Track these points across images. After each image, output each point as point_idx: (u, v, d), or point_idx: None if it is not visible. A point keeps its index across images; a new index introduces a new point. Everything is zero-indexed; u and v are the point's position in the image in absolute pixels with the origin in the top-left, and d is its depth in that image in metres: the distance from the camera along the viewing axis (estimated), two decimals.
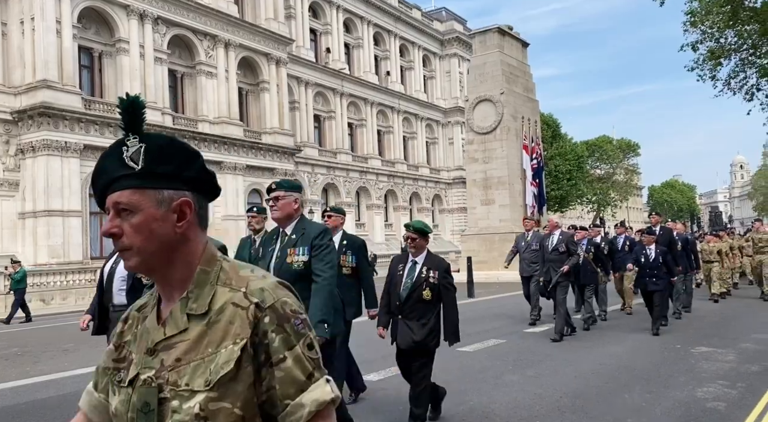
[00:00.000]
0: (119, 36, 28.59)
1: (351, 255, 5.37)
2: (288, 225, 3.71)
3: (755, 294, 13.95)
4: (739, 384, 5.94)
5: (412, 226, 4.50)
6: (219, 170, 32.40)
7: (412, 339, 4.42)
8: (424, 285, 4.41)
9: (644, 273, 9.14)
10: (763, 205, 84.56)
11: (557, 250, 8.81)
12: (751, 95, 21.12)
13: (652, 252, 9.10)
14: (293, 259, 3.57)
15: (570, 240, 8.95)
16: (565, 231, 9.40)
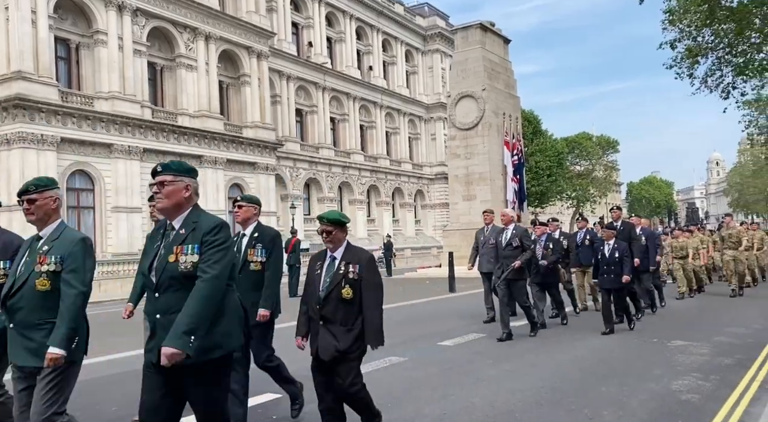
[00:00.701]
0: (97, 27, 28.13)
1: (261, 248, 4.76)
2: (177, 216, 3.04)
3: (725, 291, 13.60)
4: (713, 376, 6.05)
5: (326, 217, 3.93)
6: (199, 164, 32.07)
7: (336, 347, 3.81)
8: (344, 283, 3.83)
9: (602, 269, 8.75)
10: (738, 201, 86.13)
11: (511, 245, 8.30)
12: (727, 93, 21.46)
13: (610, 247, 8.75)
14: (179, 259, 2.92)
15: (524, 235, 8.48)
16: (519, 225, 8.73)
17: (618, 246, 8.74)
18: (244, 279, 4.60)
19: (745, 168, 79.48)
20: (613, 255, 8.65)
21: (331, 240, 3.94)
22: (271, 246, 4.79)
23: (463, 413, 4.99)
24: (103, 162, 27.92)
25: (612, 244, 8.74)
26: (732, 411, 4.92)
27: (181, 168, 3.06)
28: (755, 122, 33.03)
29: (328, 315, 3.87)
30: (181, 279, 2.89)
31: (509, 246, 8.30)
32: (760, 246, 15.77)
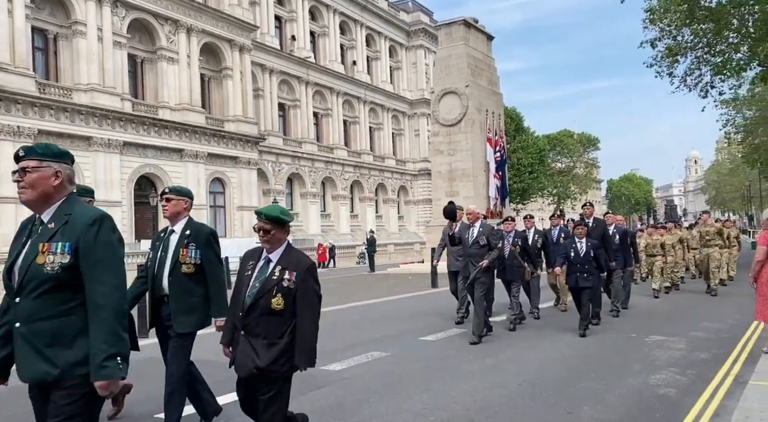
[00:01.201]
0: (75, 18, 27.64)
1: (195, 248, 4.26)
2: (45, 210, 2.52)
3: (700, 288, 13.50)
4: (689, 371, 6.15)
5: (264, 214, 3.36)
6: (180, 158, 31.78)
7: (255, 364, 3.29)
8: (275, 291, 3.28)
9: (574, 268, 8.35)
10: (715, 198, 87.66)
11: (478, 243, 7.90)
12: (706, 92, 21.83)
13: (582, 245, 8.34)
14: (46, 259, 2.40)
15: (491, 232, 8.01)
16: (486, 222, 8.31)
17: (590, 244, 8.36)
18: (175, 282, 4.23)
19: (722, 166, 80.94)
20: (587, 254, 8.26)
21: (268, 240, 3.38)
22: (206, 245, 4.31)
23: (444, 407, 5.01)
24: (82, 155, 27.46)
25: (584, 242, 8.36)
26: (707, 405, 5.01)
27: (48, 151, 2.56)
28: (732, 121, 33.63)
29: (252, 325, 3.33)
30: (49, 285, 2.39)
31: (476, 245, 7.91)
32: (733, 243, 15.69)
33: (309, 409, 5.03)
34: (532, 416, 4.76)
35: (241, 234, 34.04)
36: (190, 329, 4.28)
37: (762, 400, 4.72)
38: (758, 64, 20.49)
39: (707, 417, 4.72)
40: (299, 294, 3.30)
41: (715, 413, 4.81)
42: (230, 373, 6.62)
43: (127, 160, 29.25)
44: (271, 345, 3.29)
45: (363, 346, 7.75)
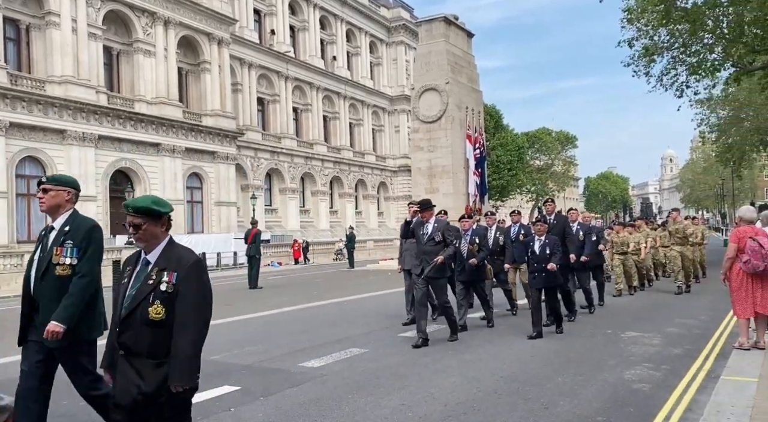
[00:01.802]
0: (49, 8, 27.06)
1: (71, 246, 3.64)
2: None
3: (671, 288, 13.03)
4: (663, 366, 6.26)
5: (131, 206, 2.82)
6: (156, 153, 31.35)
7: (139, 388, 2.70)
8: (152, 297, 2.71)
9: (533, 267, 8.05)
10: (689, 196, 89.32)
11: (433, 240, 7.50)
12: (681, 92, 22.19)
13: (541, 243, 8.01)
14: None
15: (446, 228, 7.67)
16: (440, 218, 8.04)
17: (549, 241, 8.01)
18: (48, 287, 3.64)
19: (696, 165, 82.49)
20: (544, 252, 7.91)
21: (141, 237, 2.81)
22: (85, 243, 3.68)
23: (422, 403, 5.03)
24: (55, 148, 26.95)
25: (543, 240, 8.01)
26: (680, 400, 5.10)
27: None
28: (707, 121, 34.25)
29: (130, 342, 2.74)
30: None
31: (430, 241, 7.52)
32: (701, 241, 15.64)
33: (287, 406, 5.01)
34: (509, 411, 4.79)
35: (218, 230, 33.73)
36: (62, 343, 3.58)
37: (733, 395, 4.81)
38: (732, 65, 20.88)
39: (680, 411, 4.80)
40: (179, 298, 2.73)
41: (688, 407, 4.89)
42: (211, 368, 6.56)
43: (102, 154, 28.75)
44: (158, 365, 2.71)
45: (341, 343, 7.74)
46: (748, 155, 36.39)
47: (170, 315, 2.72)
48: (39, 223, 27.09)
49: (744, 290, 6.50)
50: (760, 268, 6.35)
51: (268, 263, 30.20)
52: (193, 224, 33.88)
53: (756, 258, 6.33)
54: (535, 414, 4.72)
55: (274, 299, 13.87)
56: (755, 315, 6.58)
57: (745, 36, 17.74)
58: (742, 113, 32.22)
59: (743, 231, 6.57)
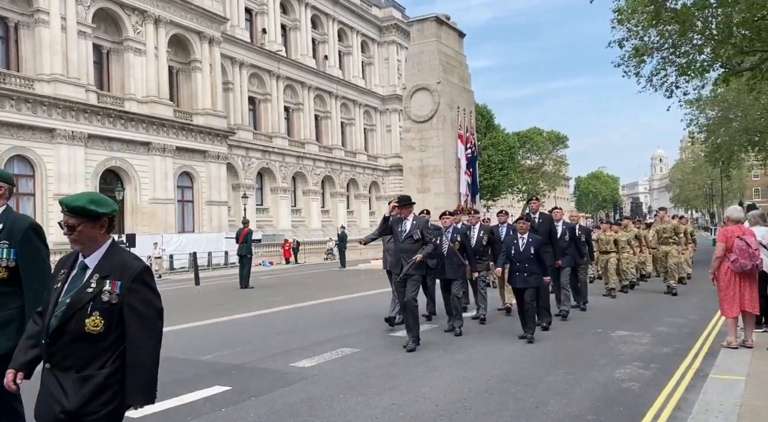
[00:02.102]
0: (38, 6, 26.84)
1: (7, 247, 3.26)
2: None
3: (660, 288, 13.00)
4: (653, 365, 6.30)
5: (66, 204, 2.50)
6: (147, 152, 31.17)
7: (62, 407, 2.38)
8: (90, 308, 2.41)
9: (514, 266, 7.80)
10: (679, 196, 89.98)
11: (411, 238, 7.34)
12: (671, 92, 22.34)
13: (523, 242, 7.75)
14: None
15: (425, 226, 7.51)
16: (419, 216, 7.83)
17: (532, 240, 7.78)
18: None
19: (686, 165, 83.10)
20: (528, 251, 7.68)
21: (76, 239, 2.50)
22: (24, 242, 3.29)
23: (413, 403, 5.03)
24: (44, 147, 26.73)
25: (526, 238, 7.78)
26: (669, 398, 5.14)
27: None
28: (696, 121, 34.48)
29: (60, 355, 2.42)
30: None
31: (409, 239, 7.36)
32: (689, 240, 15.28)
33: (278, 406, 5.00)
34: (500, 410, 4.81)
35: (209, 229, 33.60)
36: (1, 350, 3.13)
37: (721, 393, 4.86)
38: (720, 66, 21.04)
39: (669, 410, 4.84)
40: (128, 311, 2.44)
41: (677, 406, 4.93)
42: (202, 368, 6.52)
43: (92, 153, 28.55)
44: (85, 379, 2.39)
45: (333, 343, 7.74)
46: (736, 155, 36.69)
47: (109, 328, 2.42)
48: None
49: (732, 289, 6.56)
50: (747, 267, 6.42)
51: (259, 263, 30.11)
52: (184, 223, 33.73)
53: (743, 257, 6.40)
54: (526, 413, 4.74)
55: (266, 299, 13.84)
56: (743, 313, 6.65)
57: (733, 37, 17.89)
58: (731, 113, 32.48)
59: (731, 230, 6.63)
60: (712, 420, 4.23)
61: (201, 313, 11.49)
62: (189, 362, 6.82)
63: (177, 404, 5.11)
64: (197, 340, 8.34)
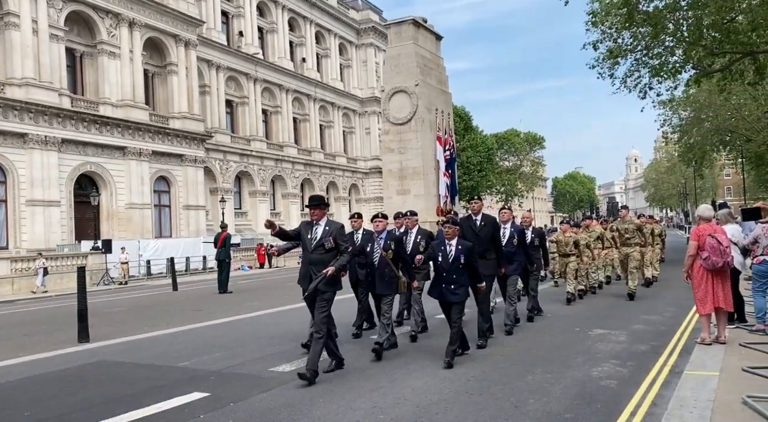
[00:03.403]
0: (8, 9, 26.35)
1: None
2: None
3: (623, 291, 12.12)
4: (630, 362, 6.39)
5: None
6: (122, 156, 30.77)
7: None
8: None
9: (440, 277, 6.63)
10: (654, 195, 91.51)
11: (323, 246, 6.07)
12: (644, 93, 22.71)
13: (451, 249, 6.59)
14: None
15: (340, 233, 6.18)
16: (333, 221, 6.39)
17: (462, 247, 6.60)
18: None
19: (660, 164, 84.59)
20: (457, 260, 6.54)
21: None
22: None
23: (394, 405, 5.04)
24: (16, 152, 26.21)
25: (455, 245, 6.61)
26: (646, 395, 5.22)
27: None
28: (669, 121, 35.12)
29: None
30: None
31: (320, 249, 6.07)
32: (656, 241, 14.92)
33: (258, 412, 4.97)
34: (479, 410, 4.83)
35: (187, 234, 33.25)
36: None
37: (695, 389, 4.95)
38: (692, 67, 21.45)
39: (645, 406, 4.91)
40: None
41: (653, 402, 5.01)
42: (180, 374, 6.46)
43: (66, 157, 28.08)
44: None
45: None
46: (708, 155, 37.44)
47: None
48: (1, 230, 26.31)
49: (704, 286, 6.69)
50: (719, 264, 6.55)
51: (238, 267, 29.87)
52: (161, 228, 33.33)
53: (715, 254, 6.54)
54: (505, 412, 4.78)
55: (245, 304, 13.72)
56: (716, 310, 6.78)
57: (704, 39, 18.25)
58: (703, 114, 33.14)
59: (703, 229, 6.76)
60: (686, 415, 4.30)
61: (179, 319, 11.36)
62: (167, 369, 6.73)
63: (155, 411, 5.05)
64: (175, 347, 8.24)
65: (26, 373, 6.88)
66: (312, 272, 6.07)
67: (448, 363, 6.30)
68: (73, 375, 6.67)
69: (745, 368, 5.48)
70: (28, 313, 14.90)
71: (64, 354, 8.06)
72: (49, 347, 8.61)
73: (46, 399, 5.62)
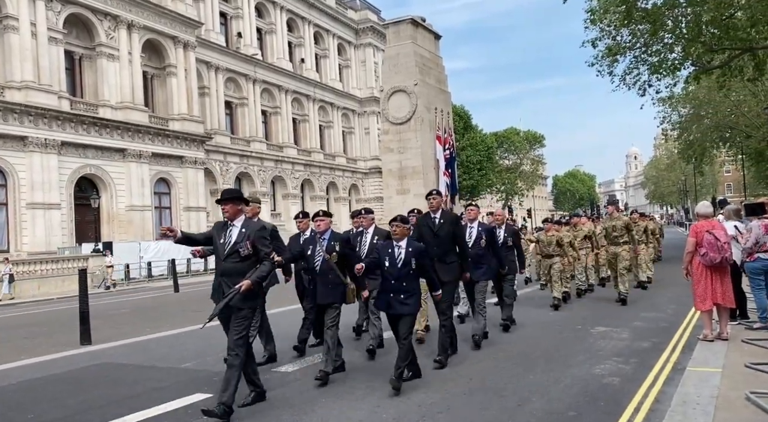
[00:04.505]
0: (7, 12, 26.35)
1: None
2: None
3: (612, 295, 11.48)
4: (632, 359, 6.39)
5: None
6: (122, 158, 30.77)
7: None
8: None
9: (387, 285, 5.67)
10: (654, 193, 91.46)
11: (237, 254, 4.97)
12: (644, 91, 22.68)
13: (401, 252, 5.59)
14: None
15: (259, 235, 5.04)
16: (252, 220, 5.38)
17: (413, 249, 5.62)
18: None
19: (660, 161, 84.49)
20: (407, 265, 5.56)
21: None
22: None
23: (396, 405, 5.03)
24: (16, 155, 26.22)
25: (404, 247, 5.63)
26: (648, 392, 5.22)
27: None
28: (669, 118, 35.09)
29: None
30: None
31: (234, 256, 4.98)
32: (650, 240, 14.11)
33: (262, 411, 4.97)
34: (482, 410, 4.83)
35: None
36: None
37: (698, 385, 4.94)
38: (691, 64, 21.43)
39: (648, 403, 4.91)
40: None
41: (656, 399, 5.00)
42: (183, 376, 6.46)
43: (66, 160, 28.08)
44: None
45: (315, 347, 7.69)
46: (708, 151, 37.39)
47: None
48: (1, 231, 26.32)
49: (704, 283, 6.70)
50: (716, 260, 6.57)
51: None
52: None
53: (712, 250, 6.57)
54: (508, 412, 4.77)
55: None
56: (717, 307, 6.78)
57: (703, 35, 18.23)
58: (702, 111, 33.11)
59: (701, 225, 6.80)
60: (690, 412, 4.30)
61: (181, 320, 11.37)
62: (169, 370, 6.74)
63: (158, 413, 5.05)
64: (177, 348, 8.24)
65: (29, 375, 6.88)
66: (224, 285, 4.96)
67: (395, 387, 5.27)
68: (75, 378, 6.67)
69: (748, 364, 5.47)
70: (28, 316, 14.90)
71: (66, 356, 8.07)
72: (50, 349, 8.61)
73: (48, 401, 5.62)
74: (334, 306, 6.02)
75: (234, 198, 5.14)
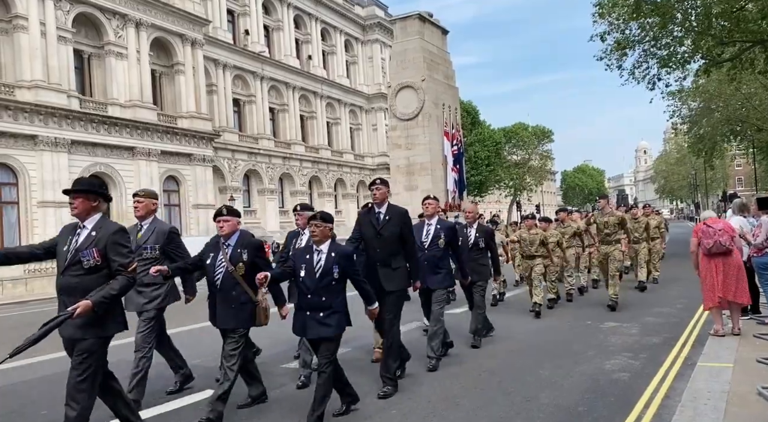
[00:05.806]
0: (16, 12, 26.50)
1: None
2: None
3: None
4: (642, 355, 6.36)
5: None
6: (131, 156, 30.93)
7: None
8: None
9: (303, 300, 4.57)
10: (663, 187, 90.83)
11: (80, 264, 3.79)
12: (653, 84, 22.52)
13: (321, 258, 4.53)
14: None
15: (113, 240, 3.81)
16: (110, 221, 4.05)
17: (336, 254, 4.55)
18: None
19: (669, 156, 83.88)
20: (327, 274, 4.47)
21: None
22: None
23: (406, 399, 5.04)
24: (27, 154, 26.43)
25: (325, 251, 4.56)
26: (659, 387, 5.19)
27: None
28: (678, 112, 34.80)
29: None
30: None
31: (75, 267, 3.79)
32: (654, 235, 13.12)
33: (269, 408, 4.99)
34: (491, 405, 4.83)
35: (197, 232, 33.39)
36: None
37: (709, 381, 4.91)
38: (701, 57, 21.25)
39: (659, 399, 4.89)
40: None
41: (666, 395, 4.98)
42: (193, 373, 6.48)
43: (75, 159, 28.27)
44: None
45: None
46: (719, 145, 37.08)
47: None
48: (11, 230, 26.58)
49: (709, 280, 6.77)
50: (710, 245, 6.72)
51: None
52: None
53: (706, 237, 6.79)
54: (516, 407, 4.77)
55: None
56: (729, 302, 6.74)
57: (713, 28, 18.07)
58: (713, 104, 32.81)
59: (701, 225, 7.06)
60: (700, 407, 4.27)
61: (190, 317, 11.41)
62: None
63: (168, 409, 5.09)
64: (187, 345, 8.27)
65: (41, 373, 6.94)
66: (62, 305, 3.77)
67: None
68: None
69: (760, 359, 5.44)
70: (43, 314, 15.04)
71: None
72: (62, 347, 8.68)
73: (60, 399, 5.67)
74: (238, 331, 4.74)
75: (87, 190, 3.92)
